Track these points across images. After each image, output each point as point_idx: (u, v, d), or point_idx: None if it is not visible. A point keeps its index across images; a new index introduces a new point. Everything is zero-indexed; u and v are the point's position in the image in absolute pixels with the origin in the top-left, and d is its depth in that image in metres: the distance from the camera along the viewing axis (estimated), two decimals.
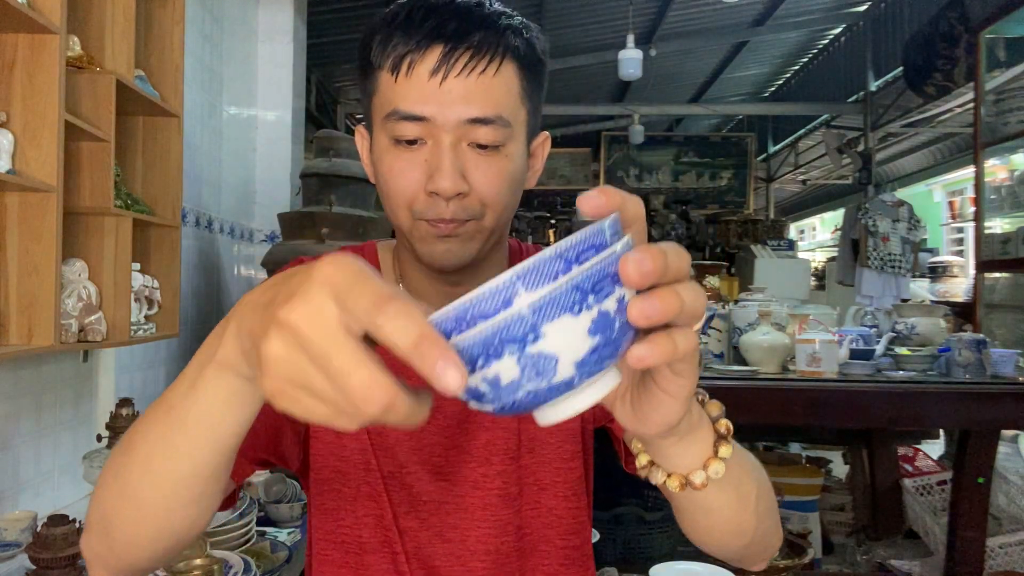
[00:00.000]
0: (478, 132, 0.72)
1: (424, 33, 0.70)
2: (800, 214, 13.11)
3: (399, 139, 0.72)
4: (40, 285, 1.48)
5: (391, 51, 0.72)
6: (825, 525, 2.98)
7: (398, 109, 0.71)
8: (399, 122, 0.71)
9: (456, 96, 0.70)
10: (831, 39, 8.18)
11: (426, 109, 0.71)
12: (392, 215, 0.77)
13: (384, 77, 0.73)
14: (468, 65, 0.70)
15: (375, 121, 0.75)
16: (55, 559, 1.28)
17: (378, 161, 0.76)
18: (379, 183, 0.77)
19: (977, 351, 2.21)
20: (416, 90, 0.70)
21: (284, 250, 2.63)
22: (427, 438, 0.84)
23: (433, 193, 0.72)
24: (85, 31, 1.74)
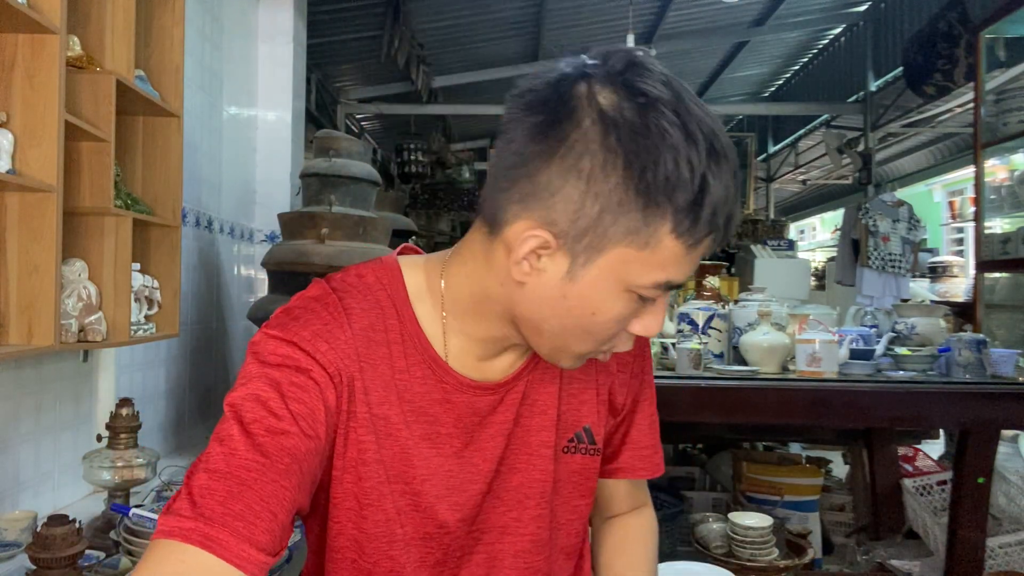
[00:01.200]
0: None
1: (714, 222, 0.66)
2: (800, 214, 13.11)
3: (643, 297, 0.69)
4: (40, 285, 1.48)
5: (701, 231, 0.66)
6: (825, 525, 2.98)
7: (672, 282, 0.69)
8: (658, 289, 0.69)
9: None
10: (831, 39, 8.18)
11: (682, 279, 0.70)
12: (572, 340, 0.72)
13: (673, 245, 0.66)
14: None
15: (616, 269, 0.67)
16: (55, 559, 1.28)
17: (602, 307, 0.69)
18: (587, 324, 0.70)
19: (977, 351, 2.21)
20: (690, 265, 0.69)
21: (284, 250, 2.63)
22: (470, 486, 0.80)
23: (636, 334, 0.73)
24: (85, 31, 1.74)
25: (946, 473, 2.81)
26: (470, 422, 0.79)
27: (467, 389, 0.78)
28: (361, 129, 8.44)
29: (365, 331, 0.75)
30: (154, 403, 2.45)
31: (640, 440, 0.93)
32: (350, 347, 0.74)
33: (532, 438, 0.82)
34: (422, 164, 7.90)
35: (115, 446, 1.79)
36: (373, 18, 5.92)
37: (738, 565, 2.16)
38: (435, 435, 0.77)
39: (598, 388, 0.87)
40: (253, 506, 0.61)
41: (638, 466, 0.93)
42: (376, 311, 0.77)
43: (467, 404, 0.79)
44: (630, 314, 0.71)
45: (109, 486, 1.78)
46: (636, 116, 0.63)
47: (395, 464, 0.76)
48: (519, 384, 0.82)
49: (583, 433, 0.86)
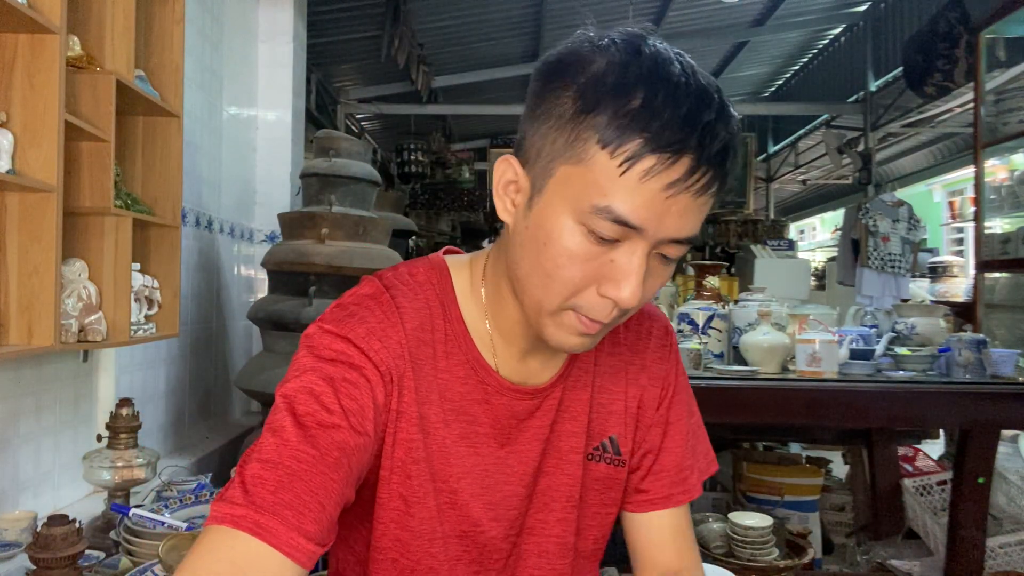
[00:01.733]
0: (671, 248, 0.67)
1: (676, 137, 0.61)
2: (800, 214, 13.11)
3: (594, 232, 0.64)
4: (40, 285, 1.48)
5: (634, 138, 0.61)
6: (825, 525, 2.98)
7: (612, 209, 0.63)
8: (607, 222, 0.63)
9: (676, 212, 0.64)
10: (831, 39, 8.19)
11: (643, 221, 0.63)
12: (539, 289, 0.69)
13: (604, 161, 0.62)
14: (707, 186, 0.64)
15: (559, 189, 0.66)
16: (55, 559, 1.28)
17: (549, 234, 0.66)
18: (541, 255, 0.67)
19: (977, 351, 2.21)
20: (642, 198, 0.62)
21: (284, 250, 2.63)
22: (505, 487, 0.81)
23: (607, 297, 0.67)
24: (85, 31, 1.74)
25: (946, 473, 2.81)
26: (507, 424, 0.80)
27: (507, 392, 0.79)
28: (361, 129, 8.44)
29: (416, 331, 0.76)
30: (154, 403, 2.45)
31: (674, 464, 0.89)
32: (403, 347, 0.74)
33: (563, 443, 0.83)
34: (422, 164, 7.90)
35: (115, 446, 1.79)
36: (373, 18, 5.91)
37: (738, 565, 2.16)
38: (473, 434, 0.78)
39: (627, 400, 0.86)
40: (303, 496, 0.62)
41: (673, 493, 0.89)
42: (426, 310, 0.77)
43: (506, 406, 0.79)
44: (587, 258, 0.65)
45: (109, 486, 1.78)
46: (593, 48, 0.67)
47: (436, 462, 0.77)
48: (556, 390, 0.82)
49: (608, 443, 0.86)
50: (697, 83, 0.63)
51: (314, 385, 0.68)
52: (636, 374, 0.87)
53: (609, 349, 0.86)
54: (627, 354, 0.87)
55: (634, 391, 0.87)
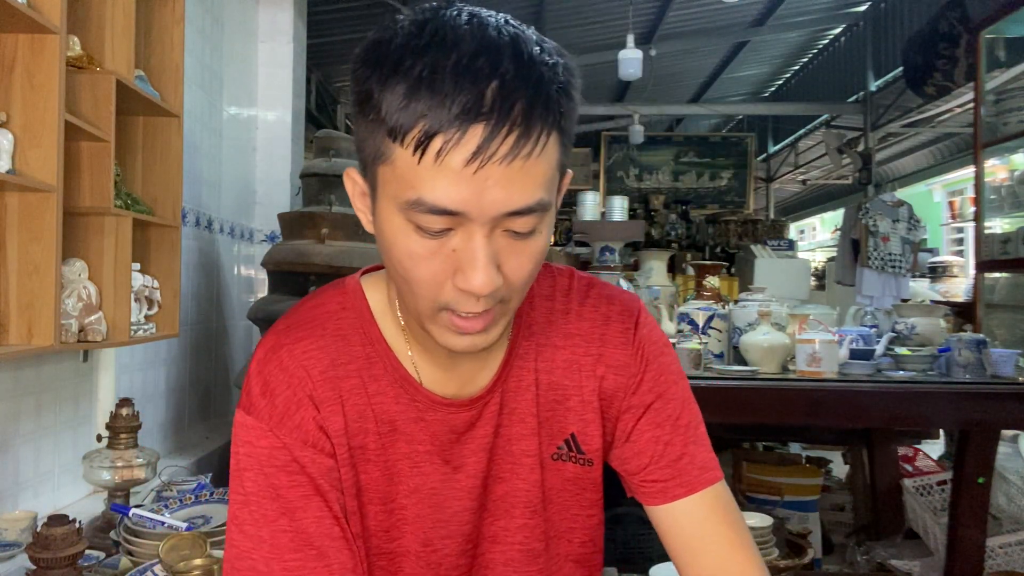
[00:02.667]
0: (514, 222, 0.62)
1: (460, 108, 0.56)
2: (800, 214, 13.12)
3: (423, 228, 0.61)
4: (40, 285, 1.48)
5: (415, 123, 0.58)
6: (825, 525, 2.98)
7: (423, 200, 0.59)
8: (424, 214, 0.60)
9: (494, 184, 0.59)
10: (831, 39, 8.19)
11: (459, 203, 0.59)
12: (407, 295, 0.67)
13: (401, 153, 0.59)
14: (512, 151, 0.58)
15: (383, 190, 0.63)
16: (55, 559, 1.28)
17: (391, 240, 0.64)
18: (391, 261, 0.66)
19: (977, 351, 2.21)
20: (446, 180, 0.58)
21: (284, 250, 2.63)
22: (455, 503, 0.78)
23: (468, 292, 0.63)
24: (85, 31, 1.74)
25: (946, 473, 2.81)
26: (447, 440, 0.76)
27: (439, 407, 0.76)
28: None
29: (331, 368, 0.74)
30: (154, 403, 2.45)
31: (658, 453, 0.80)
32: (317, 397, 0.73)
33: (514, 447, 0.79)
34: None
35: (115, 446, 1.79)
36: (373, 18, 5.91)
37: None
38: (414, 454, 0.76)
39: (583, 394, 0.80)
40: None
41: (668, 482, 0.80)
42: (341, 341, 0.75)
43: (442, 422, 0.76)
44: (429, 254, 0.62)
45: (109, 486, 1.78)
46: (381, 33, 0.62)
47: (378, 487, 0.76)
48: (494, 396, 0.78)
49: (570, 440, 0.80)
50: (482, 41, 0.58)
51: (279, 520, 0.70)
52: (592, 365, 0.80)
53: (558, 342, 0.80)
54: (582, 346, 0.80)
55: (591, 383, 0.80)
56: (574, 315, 0.81)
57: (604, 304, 0.82)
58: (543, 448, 0.80)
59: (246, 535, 0.70)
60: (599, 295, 0.82)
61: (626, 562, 2.45)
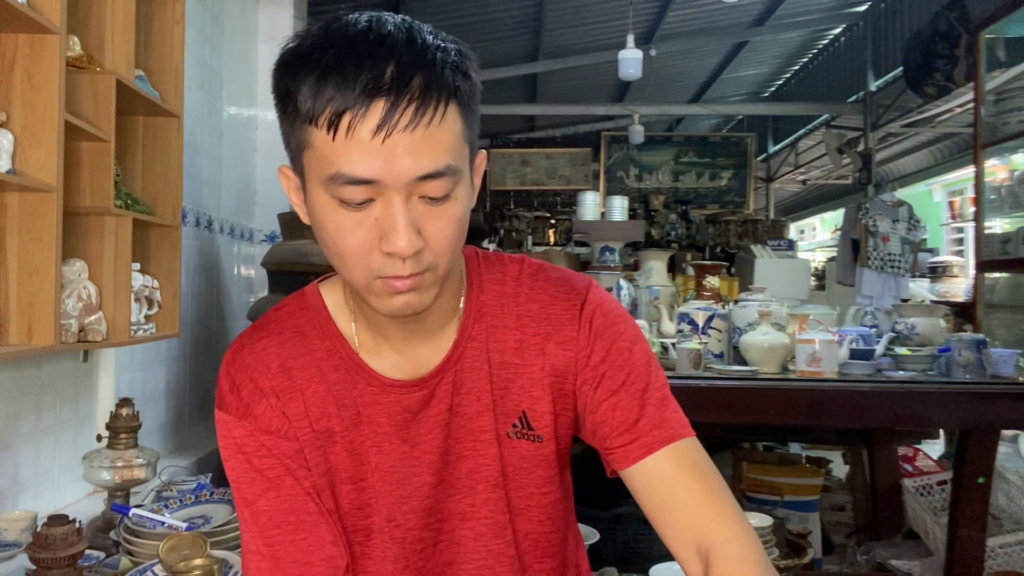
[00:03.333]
0: (427, 187, 0.69)
1: (362, 87, 0.65)
2: (800, 214, 13.11)
3: (346, 201, 0.68)
4: (40, 285, 1.48)
5: (325, 105, 0.66)
6: (825, 525, 2.98)
7: (341, 173, 0.67)
8: (344, 186, 0.67)
9: (402, 152, 0.66)
10: (831, 39, 8.19)
11: (373, 171, 0.66)
12: (343, 270, 0.74)
13: (318, 134, 0.67)
14: (413, 120, 0.66)
15: (310, 175, 0.71)
16: (55, 559, 1.28)
17: (321, 219, 0.72)
18: (324, 240, 0.73)
19: (977, 351, 2.21)
20: (359, 151, 0.66)
21: (284, 250, 2.63)
22: (414, 478, 0.83)
23: (389, 253, 0.69)
24: (85, 31, 1.74)
25: (946, 473, 2.81)
26: (403, 419, 0.82)
27: (392, 389, 0.82)
28: None
29: (289, 359, 0.82)
30: (154, 403, 2.45)
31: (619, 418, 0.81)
32: (280, 389, 0.82)
33: (473, 424, 0.84)
34: None
35: (115, 446, 1.79)
36: None
37: None
38: (375, 435, 0.82)
39: (533, 372, 0.84)
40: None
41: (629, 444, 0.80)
42: (298, 337, 0.84)
43: (396, 403, 0.82)
44: (355, 225, 0.69)
45: (109, 486, 1.78)
46: (293, 40, 0.72)
47: (346, 467, 0.82)
48: (447, 375, 0.83)
49: (522, 418, 0.84)
50: (379, 33, 0.67)
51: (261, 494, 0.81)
52: (541, 343, 0.84)
53: (510, 324, 0.84)
54: (531, 326, 0.84)
55: (540, 361, 0.84)
56: (524, 297, 0.86)
57: (552, 286, 0.86)
58: (499, 425, 0.84)
59: (240, 514, 0.82)
60: (547, 278, 0.87)
61: (626, 562, 2.45)
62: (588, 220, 4.11)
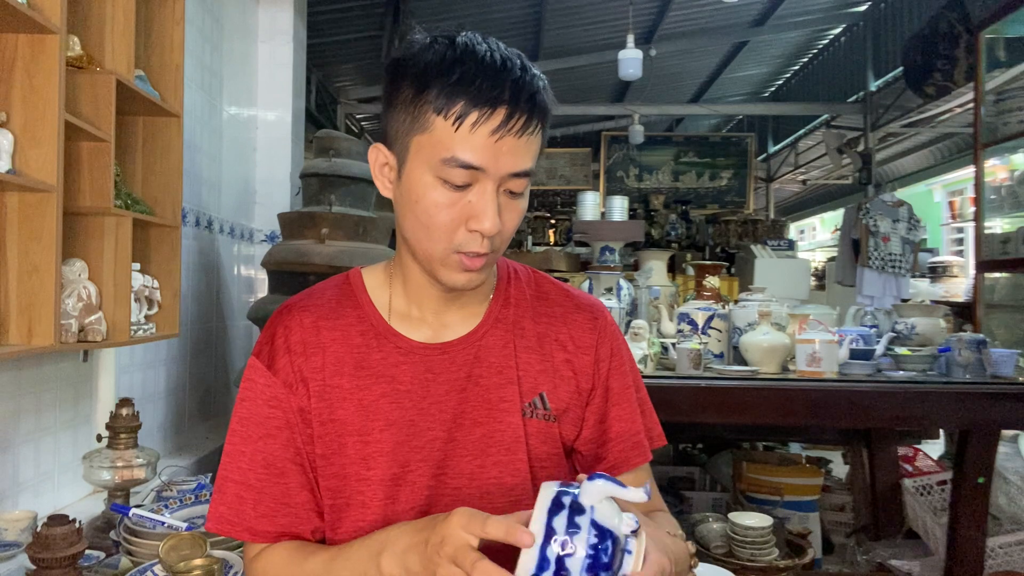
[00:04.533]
0: (514, 183, 0.84)
1: (490, 99, 0.80)
2: (800, 214, 13.11)
3: (449, 182, 0.82)
4: (40, 285, 1.48)
5: (455, 105, 0.81)
6: (825, 525, 2.98)
7: (457, 157, 0.81)
8: (455, 169, 0.81)
9: (507, 152, 0.82)
10: (831, 39, 8.19)
11: (482, 161, 0.81)
12: (426, 243, 0.86)
13: (441, 123, 0.81)
14: (523, 128, 0.82)
15: (418, 153, 0.84)
16: (55, 559, 1.28)
17: (419, 194, 0.84)
18: (417, 213, 0.85)
19: (977, 351, 2.21)
20: (477, 143, 0.81)
21: (284, 250, 2.63)
22: (428, 432, 0.92)
23: (474, 231, 0.84)
24: (85, 31, 1.74)
25: (946, 473, 2.81)
26: (424, 379, 0.93)
27: (417, 350, 0.94)
28: (361, 129, 8.44)
29: (318, 320, 0.95)
30: (154, 403, 2.45)
31: (626, 431, 0.98)
32: (303, 343, 0.94)
33: (491, 395, 0.93)
34: None
35: (115, 446, 1.79)
36: (373, 18, 5.92)
37: (738, 565, 2.16)
38: (394, 392, 0.92)
39: (552, 362, 0.97)
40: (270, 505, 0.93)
41: (630, 456, 0.98)
42: (332, 304, 0.97)
43: (420, 363, 0.93)
44: (450, 203, 0.83)
45: (109, 486, 1.78)
46: (420, 46, 0.86)
47: (353, 421, 0.91)
48: (469, 347, 0.95)
49: (539, 399, 0.95)
50: (501, 56, 0.83)
51: (241, 432, 0.95)
52: (564, 340, 0.98)
53: (532, 317, 0.99)
54: (556, 324, 0.99)
55: (561, 355, 0.97)
56: (547, 302, 1.01)
57: (573, 298, 1.03)
58: (522, 399, 0.95)
59: (234, 447, 0.94)
60: (569, 290, 1.04)
61: None
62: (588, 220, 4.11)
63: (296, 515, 0.92)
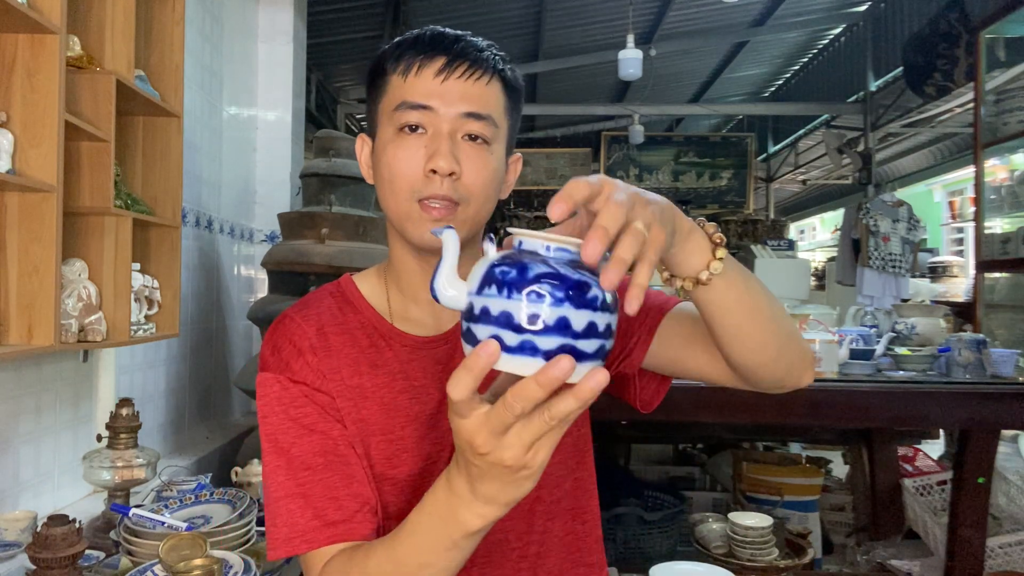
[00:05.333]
0: (472, 125, 0.85)
1: (432, 46, 0.86)
2: (800, 214, 13.11)
3: (404, 126, 0.85)
4: (40, 285, 1.48)
5: (402, 60, 0.86)
6: (825, 525, 2.98)
7: (406, 100, 0.85)
8: (406, 111, 0.85)
9: (456, 94, 0.84)
10: (831, 39, 8.19)
11: (431, 101, 0.84)
12: (392, 200, 0.87)
13: (394, 79, 0.87)
14: (467, 72, 0.85)
15: (382, 118, 0.88)
16: (55, 559, 1.28)
17: (381, 152, 0.87)
18: (382, 171, 0.88)
19: (977, 351, 2.21)
20: (423, 85, 0.85)
21: (284, 250, 2.63)
22: (443, 423, 0.90)
23: (432, 172, 0.83)
24: (85, 31, 1.74)
25: (946, 473, 2.81)
26: (436, 371, 0.93)
27: (422, 346, 0.93)
28: (361, 129, 8.44)
29: (323, 328, 0.93)
30: (154, 403, 2.45)
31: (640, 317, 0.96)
32: (316, 348, 0.91)
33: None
34: None
35: (115, 446, 1.79)
36: (373, 18, 5.92)
37: (738, 565, 2.16)
38: (411, 388, 0.92)
39: None
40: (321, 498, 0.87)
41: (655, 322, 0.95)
42: (330, 311, 0.95)
43: (429, 357, 0.93)
44: (409, 152, 0.85)
45: (109, 486, 1.78)
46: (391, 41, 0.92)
47: (377, 420, 0.90)
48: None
49: None
50: (453, 31, 0.88)
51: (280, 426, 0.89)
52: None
53: None
54: None
55: None
56: None
57: None
58: None
59: (269, 467, 0.86)
60: None
61: (626, 562, 2.46)
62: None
63: (351, 505, 0.84)
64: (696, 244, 0.73)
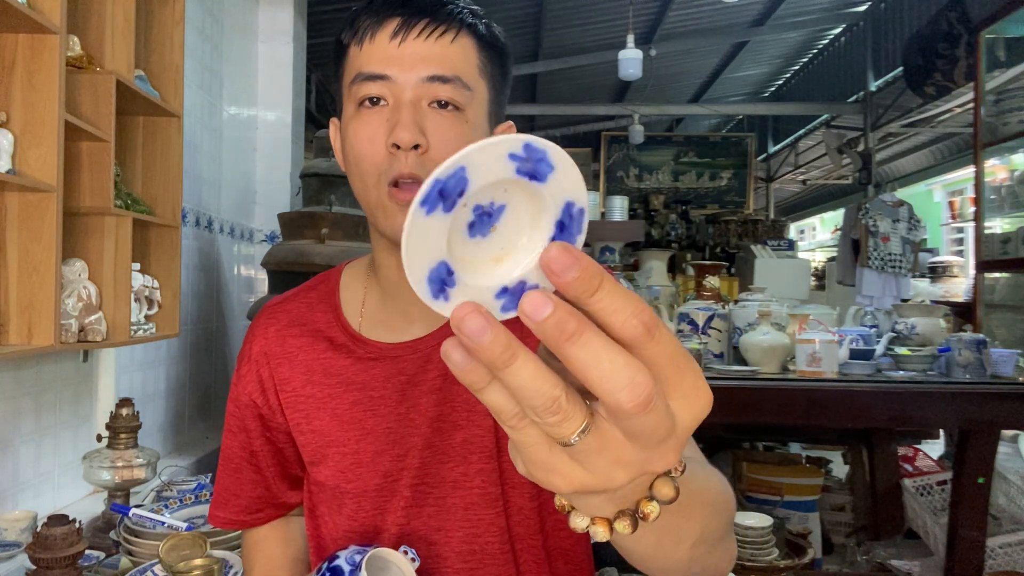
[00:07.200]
0: (438, 90, 0.76)
1: (386, 6, 0.76)
2: (800, 214, 13.11)
3: (363, 100, 0.77)
4: (40, 285, 1.48)
5: (356, 27, 0.78)
6: (825, 525, 2.97)
7: (362, 71, 0.76)
8: (363, 83, 0.76)
9: (415, 57, 0.75)
10: (831, 39, 8.18)
11: (387, 69, 0.75)
12: (360, 185, 0.79)
13: (352, 50, 0.78)
14: (425, 30, 0.75)
15: (346, 97, 0.80)
16: (55, 559, 1.28)
17: (345, 131, 0.80)
18: (347, 153, 0.80)
19: (977, 351, 2.21)
20: (378, 52, 0.76)
21: (284, 250, 2.63)
22: (408, 439, 0.85)
23: (394, 146, 0.74)
24: (85, 31, 1.74)
25: (946, 473, 2.81)
26: (399, 383, 0.85)
27: (387, 354, 0.86)
28: None
29: (286, 327, 0.91)
30: (154, 403, 2.45)
31: None
32: (266, 354, 0.91)
33: (470, 395, 0.79)
34: None
35: (115, 446, 1.79)
36: None
37: (738, 565, 2.16)
38: (367, 400, 0.86)
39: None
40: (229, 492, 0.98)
41: None
42: (305, 308, 0.92)
43: (393, 366, 0.86)
44: (371, 129, 0.76)
45: (109, 486, 1.78)
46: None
47: (331, 432, 0.87)
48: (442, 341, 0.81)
49: None
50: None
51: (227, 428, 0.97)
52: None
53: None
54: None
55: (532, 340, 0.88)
56: None
57: None
58: None
59: (224, 442, 0.97)
60: None
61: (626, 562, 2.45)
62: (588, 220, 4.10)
63: (243, 507, 0.96)
64: None
